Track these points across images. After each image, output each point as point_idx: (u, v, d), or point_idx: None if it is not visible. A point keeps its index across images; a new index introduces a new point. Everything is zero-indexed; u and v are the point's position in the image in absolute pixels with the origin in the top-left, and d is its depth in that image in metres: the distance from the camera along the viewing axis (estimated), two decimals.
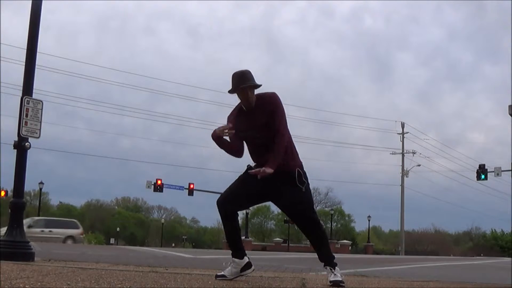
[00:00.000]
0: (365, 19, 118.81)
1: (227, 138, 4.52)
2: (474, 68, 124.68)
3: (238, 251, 4.57)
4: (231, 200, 4.51)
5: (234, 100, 4.57)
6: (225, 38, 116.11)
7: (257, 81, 4.44)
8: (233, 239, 4.57)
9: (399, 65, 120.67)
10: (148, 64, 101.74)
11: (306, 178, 4.55)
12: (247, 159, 4.68)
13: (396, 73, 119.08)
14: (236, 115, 4.59)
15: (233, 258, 4.57)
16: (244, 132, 4.54)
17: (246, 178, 4.51)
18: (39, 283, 3.67)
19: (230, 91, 4.45)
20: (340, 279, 4.44)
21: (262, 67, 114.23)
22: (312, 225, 4.55)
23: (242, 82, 4.40)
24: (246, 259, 4.57)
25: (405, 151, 50.82)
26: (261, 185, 4.39)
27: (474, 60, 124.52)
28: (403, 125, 51.03)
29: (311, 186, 4.61)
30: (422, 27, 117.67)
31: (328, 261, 4.52)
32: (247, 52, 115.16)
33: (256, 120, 4.45)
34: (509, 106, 16.15)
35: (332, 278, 4.44)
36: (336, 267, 4.50)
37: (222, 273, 4.58)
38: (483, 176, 36.74)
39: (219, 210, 4.50)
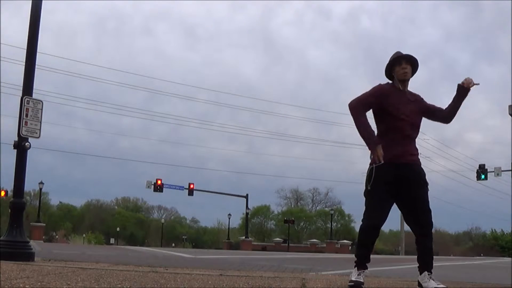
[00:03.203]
0: (362, 20, 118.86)
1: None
2: (472, 68, 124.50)
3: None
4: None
5: (233, 101, 4.55)
6: (222, 38, 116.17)
7: (257, 82, 4.42)
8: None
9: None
10: (146, 64, 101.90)
11: None
12: (246, 159, 4.64)
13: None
14: (390, 90, 4.58)
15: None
16: (402, 109, 4.47)
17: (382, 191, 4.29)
18: (39, 283, 3.66)
19: (388, 65, 4.62)
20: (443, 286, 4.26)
21: (260, 68, 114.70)
22: (430, 229, 4.37)
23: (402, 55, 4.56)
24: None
25: None
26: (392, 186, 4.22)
27: (471, 61, 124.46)
28: None
29: (311, 186, 4.56)
30: (419, 28, 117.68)
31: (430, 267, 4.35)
32: (244, 53, 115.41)
33: (414, 104, 4.53)
34: (509, 106, 16.20)
35: (432, 285, 4.22)
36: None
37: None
38: (483, 176, 36.72)
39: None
